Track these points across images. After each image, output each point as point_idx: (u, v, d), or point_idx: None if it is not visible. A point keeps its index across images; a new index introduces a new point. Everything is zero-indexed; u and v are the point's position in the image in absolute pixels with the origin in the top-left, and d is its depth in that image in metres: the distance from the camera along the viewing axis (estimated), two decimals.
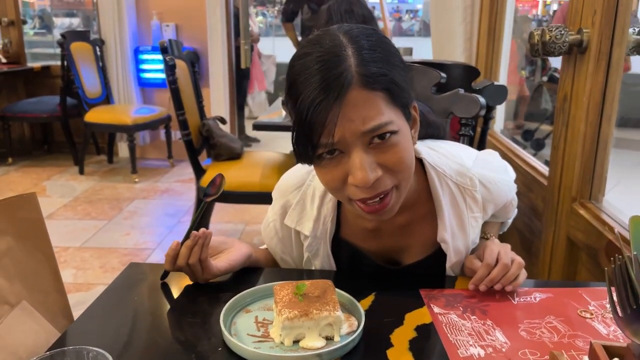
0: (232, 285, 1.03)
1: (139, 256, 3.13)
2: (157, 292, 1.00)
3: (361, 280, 1.06)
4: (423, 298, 0.97)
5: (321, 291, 0.86)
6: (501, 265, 0.97)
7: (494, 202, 1.08)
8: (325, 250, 1.07)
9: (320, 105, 0.78)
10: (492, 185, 1.07)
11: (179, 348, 0.82)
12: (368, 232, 1.06)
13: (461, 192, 1.03)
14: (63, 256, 3.11)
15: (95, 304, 0.95)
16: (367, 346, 0.83)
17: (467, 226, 1.05)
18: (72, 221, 3.62)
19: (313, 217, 1.04)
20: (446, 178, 1.02)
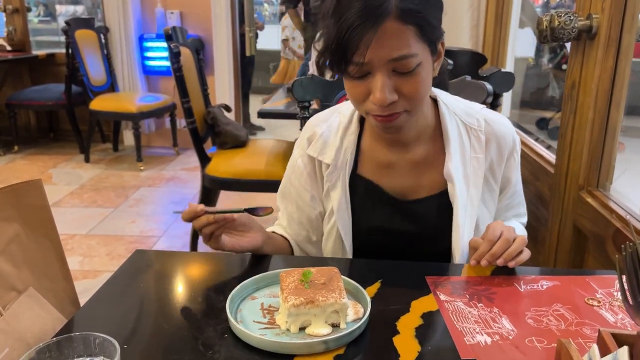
0: (238, 273, 1.04)
1: (145, 244, 3.15)
2: (163, 279, 1.00)
3: (367, 267, 1.06)
4: (429, 285, 0.96)
5: (327, 278, 0.86)
6: (503, 239, 0.97)
7: (497, 142, 1.12)
8: (343, 183, 1.12)
9: (358, 29, 0.88)
10: (496, 125, 1.13)
11: (185, 334, 0.82)
12: (383, 167, 1.13)
13: (467, 132, 1.11)
14: (70, 243, 3.13)
15: (102, 290, 0.95)
16: (373, 333, 0.83)
17: (468, 165, 1.10)
18: (78, 209, 3.63)
19: (335, 146, 1.12)
20: (455, 116, 1.10)
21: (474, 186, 1.10)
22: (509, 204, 1.20)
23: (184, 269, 1.05)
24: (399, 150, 1.12)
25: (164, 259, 1.07)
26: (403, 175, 1.12)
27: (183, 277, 1.01)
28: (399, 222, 1.12)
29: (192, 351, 0.78)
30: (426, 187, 1.12)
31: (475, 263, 0.99)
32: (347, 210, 1.13)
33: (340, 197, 1.12)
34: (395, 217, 1.12)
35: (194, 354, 0.77)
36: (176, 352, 0.78)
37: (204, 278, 1.01)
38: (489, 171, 1.12)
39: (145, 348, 0.79)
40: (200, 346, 0.79)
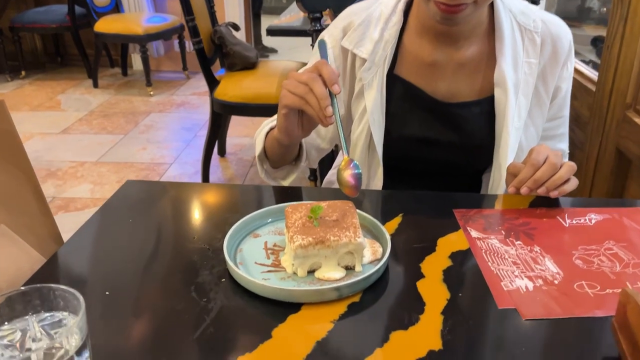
0: (240, 206, 0.92)
1: (155, 171, 3.06)
2: (154, 214, 0.89)
3: (386, 199, 0.94)
4: (458, 220, 0.84)
5: (340, 214, 0.73)
6: (549, 164, 0.84)
7: (553, 45, 0.99)
8: (380, 81, 0.99)
9: None
10: (554, 26, 1.00)
11: (177, 278, 0.71)
12: (425, 67, 1.00)
13: (522, 33, 0.98)
14: (80, 171, 3.05)
15: (87, 226, 0.85)
16: (394, 277, 0.71)
17: (520, 71, 0.97)
18: (87, 135, 3.54)
19: (374, 39, 0.99)
20: (511, 14, 0.99)
21: (524, 94, 0.97)
22: (551, 133, 1.06)
23: (178, 201, 0.93)
24: (446, 48, 0.99)
25: (157, 191, 0.96)
26: (446, 77, 1.00)
27: (177, 211, 0.90)
28: (437, 129, 1.01)
29: (184, 298, 0.67)
30: (471, 91, 1.00)
31: (513, 191, 0.86)
32: (382, 112, 1.00)
33: (375, 98, 0.99)
34: (434, 123, 1.01)
35: (185, 302, 0.66)
36: (165, 298, 0.67)
37: (201, 212, 0.90)
38: (541, 79, 0.99)
39: (130, 294, 0.69)
40: (193, 292, 0.68)
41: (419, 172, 1.05)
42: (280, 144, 0.93)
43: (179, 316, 0.64)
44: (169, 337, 0.61)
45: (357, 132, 1.02)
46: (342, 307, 0.65)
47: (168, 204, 0.92)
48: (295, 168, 1.03)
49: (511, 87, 0.95)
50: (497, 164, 0.97)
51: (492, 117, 0.98)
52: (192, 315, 0.64)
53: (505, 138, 0.96)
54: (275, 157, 1.00)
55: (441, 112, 1.00)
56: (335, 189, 0.94)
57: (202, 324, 0.63)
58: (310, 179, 2.91)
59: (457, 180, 1.06)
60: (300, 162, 1.03)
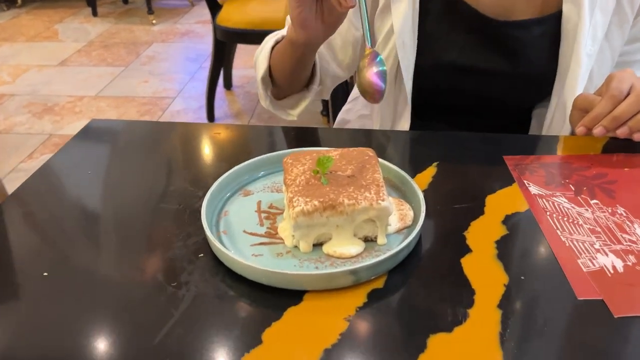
0: (229, 154, 0.73)
1: (158, 105, 2.87)
2: (119, 164, 0.71)
3: (415, 144, 0.74)
4: (511, 170, 0.64)
5: (357, 166, 0.54)
6: (635, 96, 0.63)
7: None
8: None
9: None
10: None
11: (138, 252, 0.54)
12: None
13: None
14: (78, 106, 2.87)
15: (37, 175, 0.67)
16: (430, 253, 0.53)
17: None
18: (87, 68, 3.32)
19: None
20: None
21: (602, 10, 0.74)
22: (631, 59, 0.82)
23: (151, 146, 0.74)
24: None
25: (126, 132, 0.77)
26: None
27: (148, 160, 0.71)
28: (484, 55, 0.79)
29: (144, 283, 0.50)
30: (531, 6, 0.77)
31: (583, 131, 0.66)
32: (414, 33, 0.79)
33: (405, 14, 0.77)
34: (481, 48, 0.79)
35: (146, 288, 0.49)
36: (118, 283, 0.50)
37: (179, 161, 0.71)
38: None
39: (72, 276, 0.51)
40: (158, 274, 0.51)
41: (455, 110, 0.85)
42: (294, 51, 0.73)
43: (135, 310, 0.47)
44: (118, 343, 0.44)
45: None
46: (360, 296, 0.48)
47: (137, 151, 0.73)
48: (306, 94, 0.83)
49: (586, 1, 0.73)
50: (560, 99, 0.77)
51: (557, 39, 0.76)
52: (154, 309, 0.47)
53: (574, 67, 0.74)
54: (284, 78, 0.80)
55: (491, 34, 0.78)
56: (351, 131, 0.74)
57: (167, 321, 0.45)
58: (322, 113, 2.70)
59: (500, 119, 0.86)
60: (313, 85, 0.83)
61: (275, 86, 0.82)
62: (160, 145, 0.75)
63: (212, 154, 0.72)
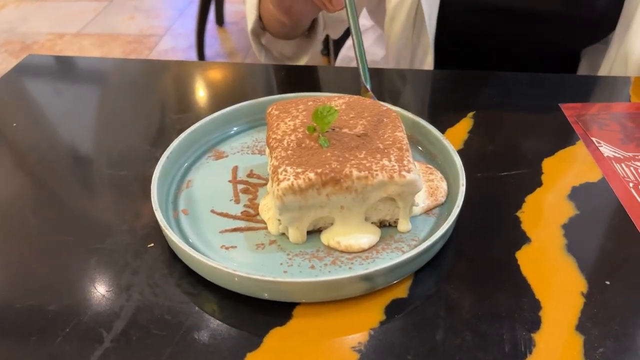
0: (203, 100, 0.56)
1: (144, 43, 2.66)
2: (55, 112, 0.54)
3: (444, 87, 0.57)
4: (572, 124, 0.48)
5: (371, 121, 0.38)
6: None
7: None
8: None
9: None
10: None
11: (66, 239, 0.39)
12: None
13: None
14: (58, 44, 2.66)
15: None
16: (472, 245, 0.38)
17: None
18: (67, 3, 3.08)
19: None
20: None
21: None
22: None
23: (99, 89, 0.58)
24: None
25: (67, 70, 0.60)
26: None
27: (93, 108, 0.55)
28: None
29: (70, 286, 0.35)
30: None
31: None
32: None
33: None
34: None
35: (72, 295, 0.34)
36: (33, 288, 0.35)
37: (134, 110, 0.55)
38: None
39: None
40: (87, 275, 0.36)
41: (487, 57, 0.68)
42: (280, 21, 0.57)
43: (46, 336, 0.32)
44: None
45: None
46: (376, 311, 0.33)
47: (80, 95, 0.57)
48: (309, 43, 0.67)
49: None
50: (621, 47, 0.59)
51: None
52: (81, 327, 0.32)
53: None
54: (278, 33, 0.64)
55: None
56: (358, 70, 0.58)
57: (95, 347, 0.31)
58: (323, 52, 2.49)
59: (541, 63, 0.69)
60: (316, 34, 0.66)
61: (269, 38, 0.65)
62: (111, 87, 0.58)
63: (179, 101, 0.56)
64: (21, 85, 0.58)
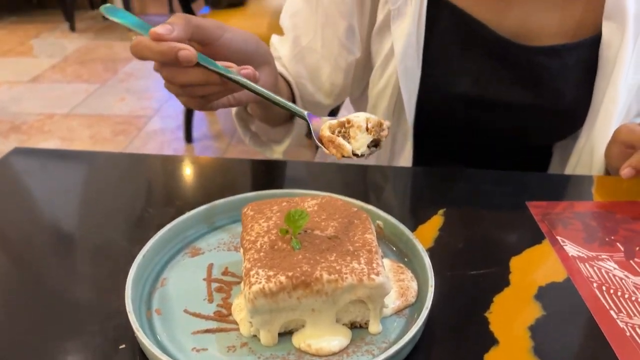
0: (182, 196, 0.58)
1: (133, 124, 2.71)
2: (36, 209, 0.55)
3: (416, 184, 0.60)
4: (538, 222, 0.50)
5: (342, 223, 0.40)
6: None
7: None
8: (416, 6, 0.63)
9: None
10: None
11: (35, 339, 0.39)
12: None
13: None
14: (47, 125, 2.70)
15: None
16: (441, 346, 0.38)
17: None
18: (60, 84, 3.16)
19: None
20: None
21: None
22: None
23: (81, 182, 0.59)
24: None
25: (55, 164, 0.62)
26: (526, 2, 0.62)
27: (74, 202, 0.56)
28: (504, 84, 0.64)
29: None
30: (562, 28, 0.63)
31: (631, 173, 0.53)
32: (418, 56, 0.64)
33: (408, 33, 0.63)
34: (500, 76, 0.64)
35: None
36: None
37: (114, 205, 0.56)
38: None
39: None
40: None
41: (463, 147, 0.71)
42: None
43: None
44: None
45: (378, 86, 0.67)
46: None
47: (62, 186, 0.58)
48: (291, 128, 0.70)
49: (631, 22, 0.59)
50: (589, 138, 0.63)
51: (593, 68, 0.63)
52: None
53: (610, 101, 0.61)
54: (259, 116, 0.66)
55: (513, 61, 0.64)
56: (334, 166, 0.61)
57: None
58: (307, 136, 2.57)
59: (515, 157, 0.72)
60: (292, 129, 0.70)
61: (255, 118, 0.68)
62: (94, 182, 0.60)
63: (159, 194, 0.58)
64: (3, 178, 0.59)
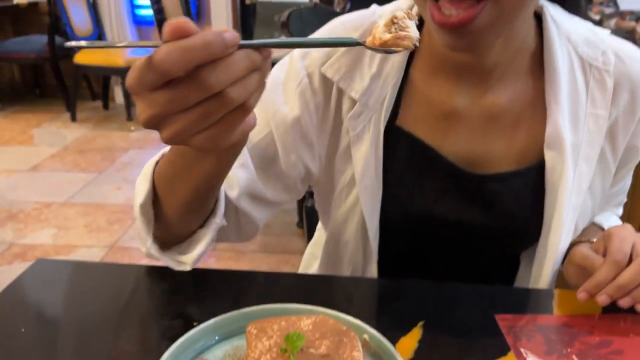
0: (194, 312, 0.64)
1: (129, 214, 2.78)
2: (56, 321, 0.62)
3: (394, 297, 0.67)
4: (505, 335, 0.57)
5: (333, 341, 0.47)
6: (638, 264, 0.58)
7: (631, 90, 0.69)
8: (375, 134, 0.69)
9: None
10: (634, 62, 0.69)
11: None
12: (442, 117, 0.70)
13: (584, 72, 0.69)
14: (44, 213, 2.77)
15: None
16: None
17: (582, 127, 0.68)
18: (58, 173, 3.26)
19: (371, 72, 0.69)
20: (569, 44, 0.69)
21: (586, 160, 0.69)
22: (610, 201, 0.80)
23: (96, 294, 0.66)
24: (471, 91, 0.69)
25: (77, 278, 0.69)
26: (473, 134, 0.70)
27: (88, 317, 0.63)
28: (460, 205, 0.71)
29: None
30: (509, 156, 0.70)
31: (585, 297, 0.60)
32: (378, 180, 0.70)
33: (367, 158, 0.69)
34: (456, 198, 0.71)
35: None
36: None
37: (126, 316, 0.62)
38: (609, 138, 0.70)
39: None
40: None
41: (429, 260, 0.78)
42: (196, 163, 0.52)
43: None
44: None
45: (342, 208, 0.73)
46: None
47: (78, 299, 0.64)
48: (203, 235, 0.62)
49: (569, 150, 0.68)
50: (545, 253, 0.70)
51: (541, 190, 0.70)
52: None
53: (558, 220, 0.68)
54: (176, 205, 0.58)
55: (466, 185, 0.71)
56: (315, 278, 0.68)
57: None
58: (298, 225, 2.64)
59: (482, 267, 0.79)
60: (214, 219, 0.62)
61: (160, 221, 0.60)
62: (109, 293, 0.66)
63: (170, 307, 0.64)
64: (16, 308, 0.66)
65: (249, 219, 0.72)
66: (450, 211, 0.71)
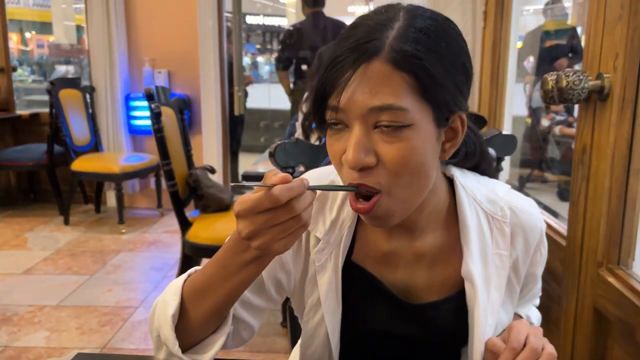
0: None
1: (119, 315, 2.91)
2: None
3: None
4: None
5: None
6: (529, 350, 0.79)
7: (524, 235, 0.91)
8: (335, 265, 0.89)
9: (338, 65, 0.73)
10: (524, 215, 0.91)
11: None
12: (383, 257, 0.91)
13: (489, 222, 0.89)
14: (37, 316, 2.88)
15: None
16: None
17: (490, 264, 0.89)
18: (51, 276, 3.39)
19: (331, 217, 0.90)
20: (475, 204, 0.89)
21: (497, 289, 0.89)
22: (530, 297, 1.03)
23: None
24: (402, 238, 0.89)
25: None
26: (408, 269, 0.90)
27: None
28: (402, 326, 0.91)
29: None
30: (438, 286, 0.91)
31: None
32: (338, 301, 0.90)
33: (329, 283, 0.89)
34: (398, 320, 0.91)
35: None
36: None
37: None
38: (513, 270, 0.92)
39: None
40: None
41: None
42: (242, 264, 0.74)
43: None
44: None
45: (311, 324, 0.90)
46: None
47: None
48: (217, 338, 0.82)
49: (480, 283, 0.87)
50: (472, 354, 0.89)
51: (463, 312, 0.90)
52: None
53: (479, 334, 0.88)
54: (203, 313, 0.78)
55: (407, 311, 0.91)
56: None
57: None
58: (283, 325, 2.78)
59: None
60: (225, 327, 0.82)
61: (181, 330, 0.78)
62: None
63: None
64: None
65: (246, 325, 0.90)
66: (398, 328, 0.91)
